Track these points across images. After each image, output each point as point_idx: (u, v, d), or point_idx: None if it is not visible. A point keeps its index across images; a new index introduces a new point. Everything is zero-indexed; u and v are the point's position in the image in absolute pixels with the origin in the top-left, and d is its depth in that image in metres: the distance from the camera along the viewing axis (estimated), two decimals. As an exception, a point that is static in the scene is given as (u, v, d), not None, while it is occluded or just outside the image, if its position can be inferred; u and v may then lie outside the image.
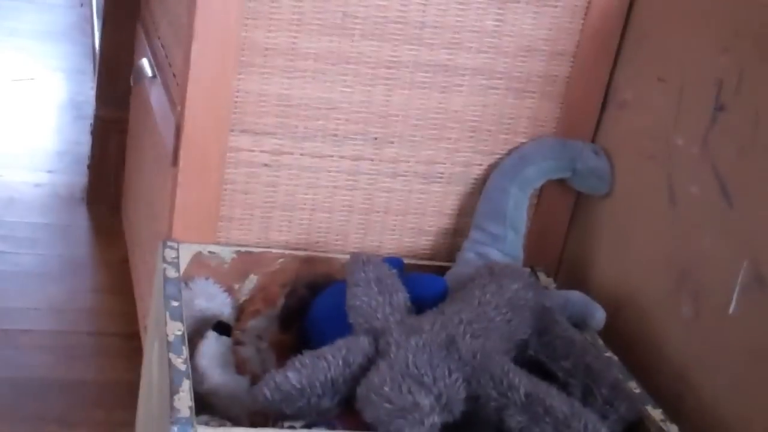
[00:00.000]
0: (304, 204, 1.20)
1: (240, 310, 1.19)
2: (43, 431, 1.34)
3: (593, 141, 1.25)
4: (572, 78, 1.22)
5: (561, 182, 1.25)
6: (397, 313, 1.00)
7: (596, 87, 1.23)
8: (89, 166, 1.96)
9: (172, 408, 0.86)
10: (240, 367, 1.11)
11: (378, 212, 1.23)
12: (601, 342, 1.11)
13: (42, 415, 1.36)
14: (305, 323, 1.13)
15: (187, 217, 1.16)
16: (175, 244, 1.14)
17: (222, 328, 1.11)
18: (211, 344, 1.09)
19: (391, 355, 0.94)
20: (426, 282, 1.09)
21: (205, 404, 1.06)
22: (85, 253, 1.82)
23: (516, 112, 1.22)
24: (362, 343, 0.96)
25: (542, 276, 1.23)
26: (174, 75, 1.23)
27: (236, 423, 1.00)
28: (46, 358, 1.49)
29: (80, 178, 2.04)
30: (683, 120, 1.10)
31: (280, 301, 1.16)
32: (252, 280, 1.20)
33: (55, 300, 1.65)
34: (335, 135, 1.17)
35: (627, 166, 1.20)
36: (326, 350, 0.96)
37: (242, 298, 1.20)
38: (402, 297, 1.02)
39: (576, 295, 1.11)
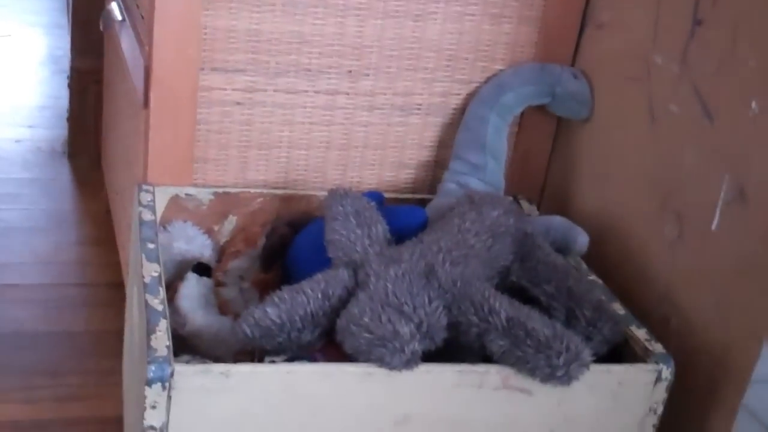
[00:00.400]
0: (281, 142, 1.18)
1: (221, 252, 1.18)
2: (34, 383, 1.33)
3: (572, 65, 1.23)
4: (549, 1, 1.19)
5: (541, 108, 1.23)
6: (376, 245, 0.99)
7: (573, 9, 1.20)
8: (68, 119, 1.94)
9: (149, 347, 0.85)
10: (223, 309, 1.10)
11: (356, 147, 1.21)
12: (584, 266, 1.10)
13: (32, 368, 1.36)
14: (287, 262, 1.12)
15: (162, 160, 1.14)
16: (150, 188, 1.13)
17: (202, 269, 1.10)
18: (192, 286, 1.08)
19: (371, 286, 0.93)
20: (406, 213, 1.08)
21: (188, 347, 1.05)
22: (69, 206, 1.80)
23: (493, 38, 1.19)
24: (341, 276, 0.95)
25: (525, 204, 1.22)
26: (142, 16, 1.20)
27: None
28: (34, 311, 1.49)
29: (61, 131, 2.02)
30: (661, 37, 1.08)
31: (261, 241, 1.15)
32: (231, 221, 1.18)
33: (41, 253, 1.64)
34: (308, 69, 1.15)
35: (607, 89, 1.18)
36: (305, 284, 0.95)
37: (222, 240, 1.19)
38: (381, 229, 1.01)
39: (558, 221, 1.10)
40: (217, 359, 1.01)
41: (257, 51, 1.12)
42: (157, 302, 0.92)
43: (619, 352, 0.99)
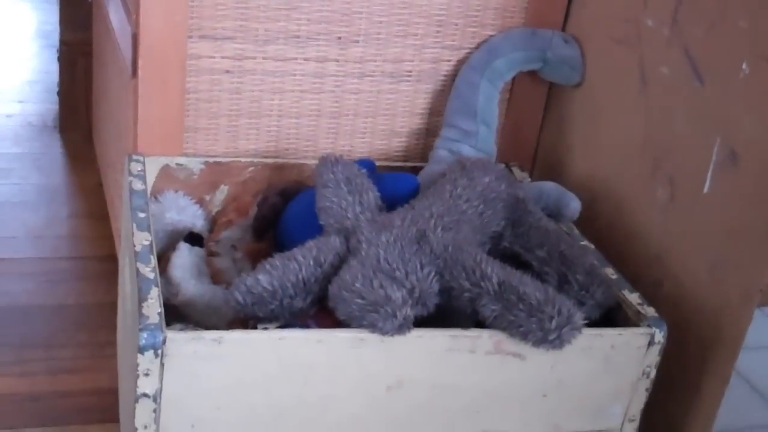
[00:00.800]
0: (271, 110, 1.18)
1: (213, 222, 1.18)
2: (29, 356, 1.33)
3: (563, 29, 1.22)
4: (539, -35, 1.18)
5: (532, 74, 1.22)
6: (367, 212, 0.98)
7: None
8: (59, 93, 1.93)
9: (141, 315, 0.85)
10: (215, 278, 1.10)
11: (347, 115, 1.20)
12: (577, 231, 1.10)
13: (26, 341, 1.36)
14: (279, 230, 1.12)
15: (152, 130, 1.13)
16: (140, 157, 1.12)
17: (194, 238, 1.10)
18: (184, 255, 1.07)
19: (362, 253, 0.93)
20: (397, 180, 1.08)
21: (181, 316, 1.05)
22: (60, 180, 1.80)
23: (483, 3, 1.18)
24: (333, 243, 0.95)
25: (517, 171, 1.21)
26: (129, -16, 1.19)
27: (212, 331, 0.99)
28: (27, 284, 1.48)
29: (51, 106, 2.01)
30: (652, 0, 1.07)
31: (253, 210, 1.15)
32: (223, 191, 1.18)
33: (33, 227, 1.63)
34: (297, 36, 1.14)
35: (598, 53, 1.17)
36: (297, 251, 0.94)
37: (214, 210, 1.18)
38: (372, 195, 1.01)
39: (550, 186, 1.10)
40: (211, 329, 1.01)
41: (246, 18, 1.11)
42: (149, 270, 0.92)
43: (611, 316, 0.99)
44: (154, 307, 0.87)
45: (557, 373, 0.93)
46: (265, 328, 0.92)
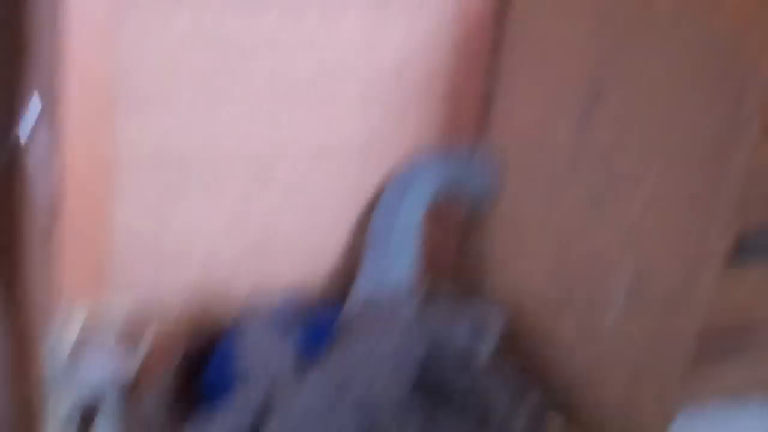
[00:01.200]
0: (195, 254, 1.18)
1: (137, 371, 1.17)
2: None
3: (480, 144, 1.24)
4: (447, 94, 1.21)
5: (451, 196, 1.24)
6: (285, 367, 0.99)
7: (473, 100, 1.23)
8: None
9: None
10: (141, 426, 1.09)
11: (271, 251, 1.21)
12: (496, 360, 1.11)
13: None
14: (202, 379, 1.12)
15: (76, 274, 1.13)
16: (63, 307, 1.11)
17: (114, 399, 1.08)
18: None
19: (284, 405, 0.94)
20: (317, 327, 1.09)
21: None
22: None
23: (398, 131, 1.20)
24: (252, 402, 0.96)
25: (439, 291, 1.22)
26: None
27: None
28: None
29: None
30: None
31: (177, 357, 1.15)
32: (147, 339, 1.17)
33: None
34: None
35: (512, 168, 1.19)
36: (216, 416, 0.94)
37: (139, 359, 1.18)
38: (290, 349, 1.02)
39: (463, 328, 1.11)
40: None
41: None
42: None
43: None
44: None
45: None
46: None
